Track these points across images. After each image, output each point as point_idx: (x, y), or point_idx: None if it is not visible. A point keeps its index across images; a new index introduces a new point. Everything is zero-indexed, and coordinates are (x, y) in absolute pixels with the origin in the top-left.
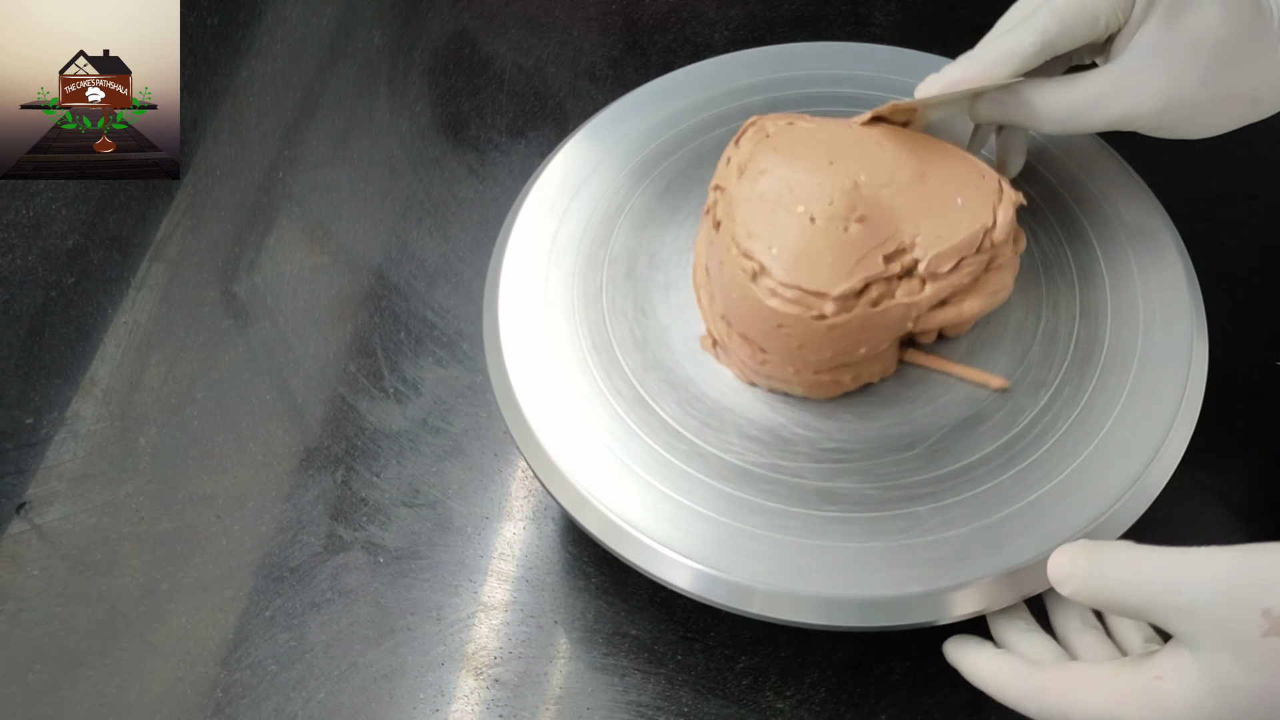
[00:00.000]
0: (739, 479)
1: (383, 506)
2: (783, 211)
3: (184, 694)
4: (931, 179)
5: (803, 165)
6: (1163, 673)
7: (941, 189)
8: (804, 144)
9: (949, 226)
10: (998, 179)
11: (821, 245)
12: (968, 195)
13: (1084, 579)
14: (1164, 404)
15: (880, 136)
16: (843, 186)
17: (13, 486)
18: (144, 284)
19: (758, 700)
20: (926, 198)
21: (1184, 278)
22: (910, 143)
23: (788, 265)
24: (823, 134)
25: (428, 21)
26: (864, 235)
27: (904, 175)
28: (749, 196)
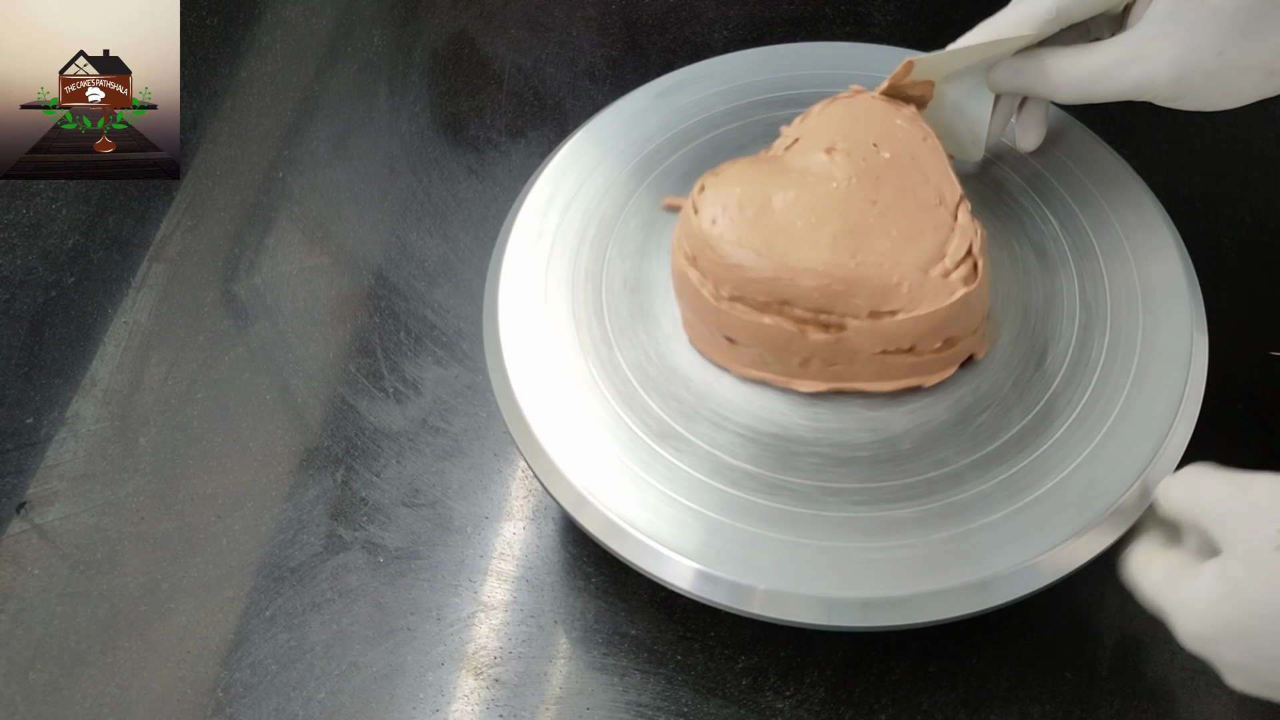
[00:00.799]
0: (739, 479)
1: (383, 506)
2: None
3: (184, 693)
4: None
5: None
6: (1203, 571)
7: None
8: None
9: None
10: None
11: (780, 233)
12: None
13: (1159, 497)
14: (1164, 403)
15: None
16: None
17: (13, 486)
18: (144, 284)
19: (757, 700)
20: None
21: (1184, 277)
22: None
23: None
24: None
25: (427, 22)
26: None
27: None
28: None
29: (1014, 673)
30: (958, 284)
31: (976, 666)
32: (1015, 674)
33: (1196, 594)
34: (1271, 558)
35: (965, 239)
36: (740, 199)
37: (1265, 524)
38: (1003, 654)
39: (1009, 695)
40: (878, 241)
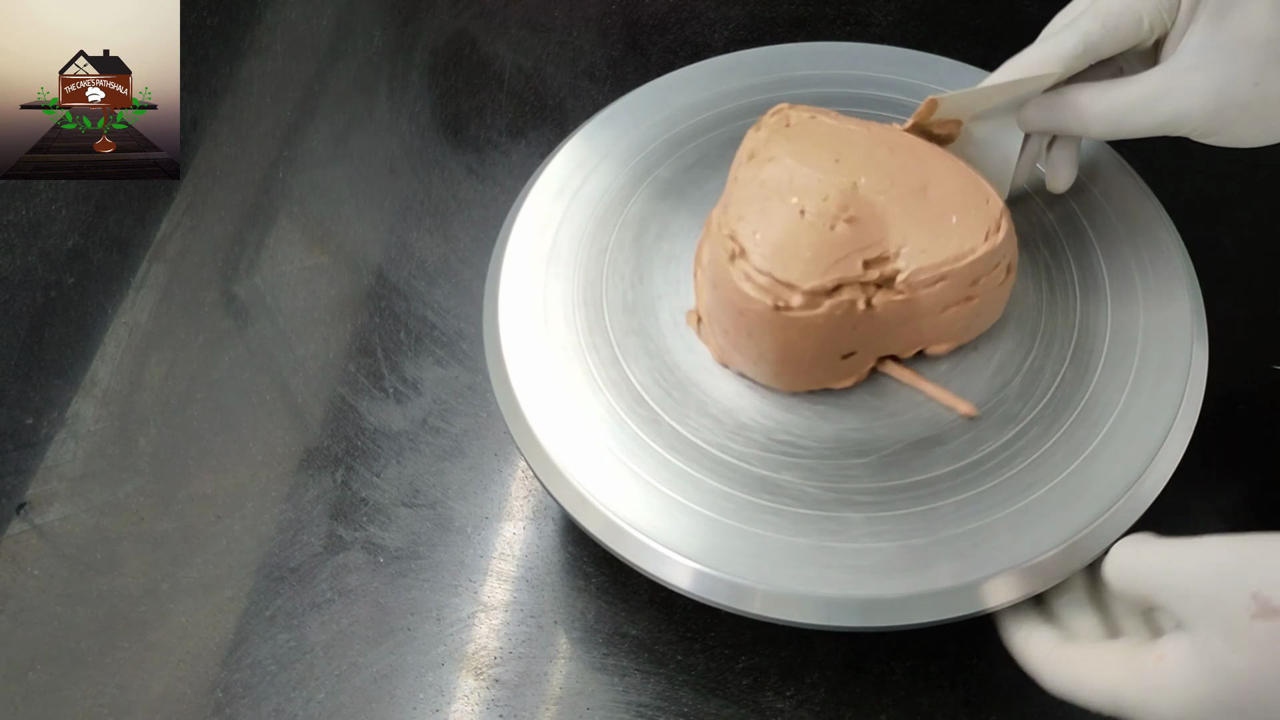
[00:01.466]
0: (739, 479)
1: (383, 506)
2: (777, 200)
3: (184, 694)
4: (932, 193)
5: (809, 159)
6: (1164, 654)
7: (939, 204)
8: (817, 139)
9: (937, 242)
10: (1001, 207)
11: (804, 239)
12: (965, 215)
13: (1107, 569)
14: (1164, 405)
15: (895, 143)
16: (840, 185)
17: (13, 486)
18: (144, 284)
19: (758, 700)
20: (922, 210)
21: (1184, 278)
22: (922, 154)
23: (766, 252)
24: (840, 132)
25: (427, 21)
26: (850, 236)
27: (905, 184)
28: (750, 180)
29: (1014, 673)
30: (998, 239)
31: (977, 667)
32: (1015, 674)
33: (1172, 678)
34: (1249, 628)
35: (995, 215)
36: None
37: (1234, 592)
38: (1003, 654)
39: (1009, 695)
40: (926, 201)
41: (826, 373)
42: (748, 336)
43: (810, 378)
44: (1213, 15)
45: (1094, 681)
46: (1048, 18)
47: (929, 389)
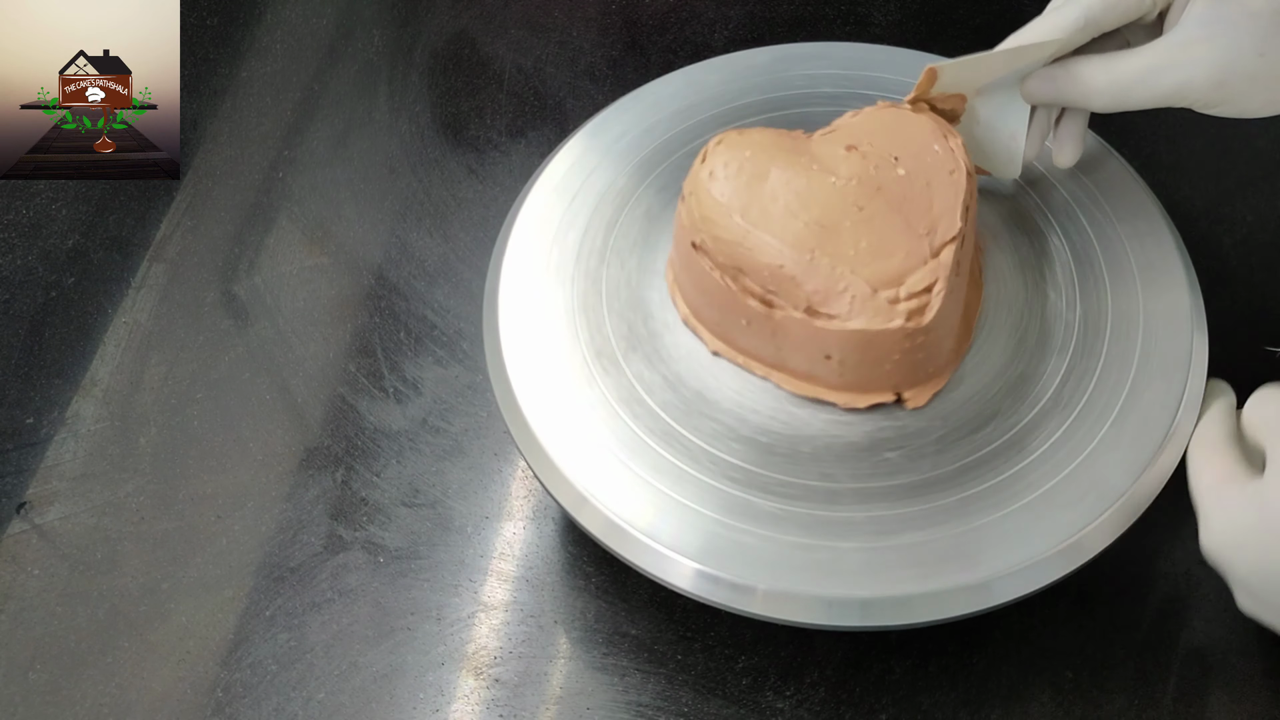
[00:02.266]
0: (739, 479)
1: (383, 506)
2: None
3: (184, 694)
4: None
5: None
6: (1246, 485)
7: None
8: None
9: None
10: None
11: (776, 203)
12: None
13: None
14: (1164, 404)
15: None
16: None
17: (13, 486)
18: (144, 284)
19: (757, 700)
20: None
21: (1184, 278)
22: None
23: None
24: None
25: (427, 22)
26: (812, 240)
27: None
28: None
29: (1014, 673)
30: (899, 314)
31: (977, 666)
32: (1015, 674)
33: (1232, 501)
34: None
35: (931, 276)
36: (744, 161)
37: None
38: (1003, 654)
39: (1009, 695)
40: (843, 245)
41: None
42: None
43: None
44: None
45: (1199, 481)
46: None
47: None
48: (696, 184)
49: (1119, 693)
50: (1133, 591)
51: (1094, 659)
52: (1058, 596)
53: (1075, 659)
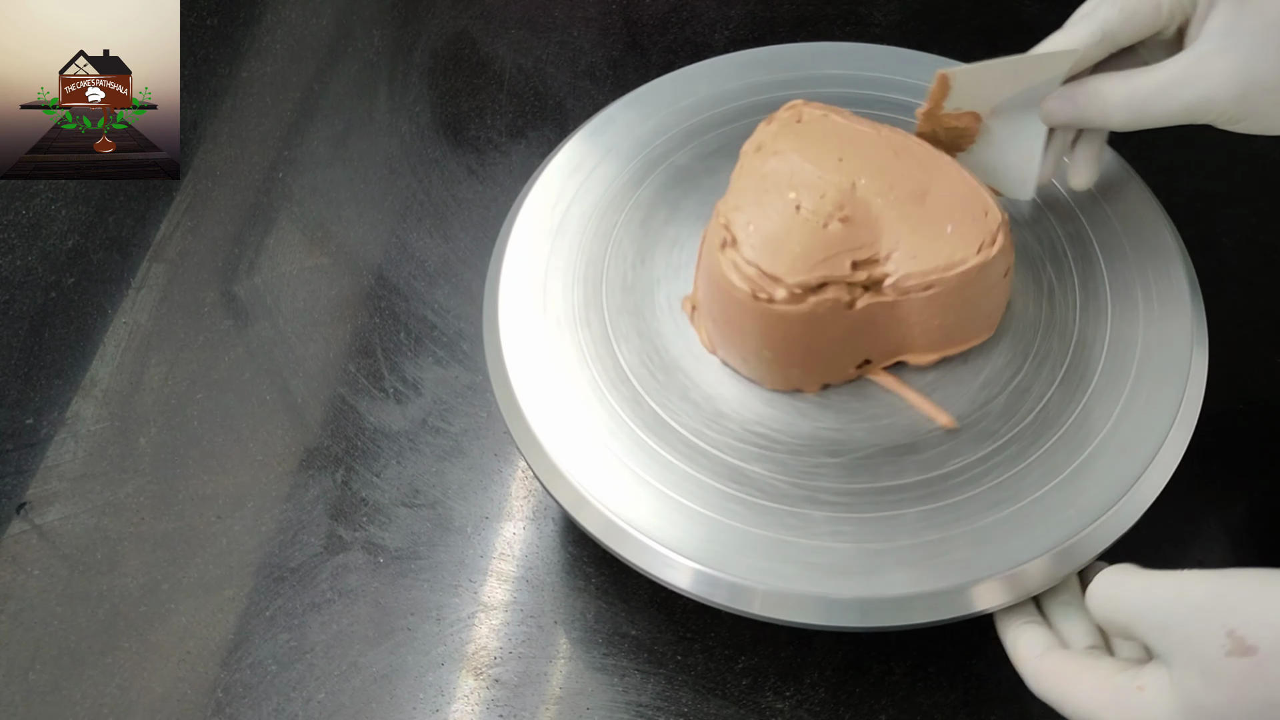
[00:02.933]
0: (739, 479)
1: (383, 506)
2: (775, 194)
3: (184, 694)
4: (931, 200)
5: (812, 155)
6: (1144, 684)
7: (937, 212)
8: (824, 137)
9: (928, 250)
10: (1000, 220)
11: (796, 234)
12: (961, 226)
13: (1089, 600)
14: (1165, 404)
15: (901, 147)
16: (839, 184)
17: (13, 486)
18: (144, 284)
19: (757, 700)
20: (919, 217)
21: (1184, 277)
22: (926, 160)
23: (756, 243)
24: (848, 131)
25: (427, 22)
26: (842, 236)
27: (905, 189)
28: (753, 172)
29: (1014, 673)
30: (996, 246)
31: (976, 667)
32: (1014, 675)
33: (1148, 711)
34: (1224, 665)
35: (997, 218)
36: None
37: (1210, 629)
38: (1003, 654)
39: (1009, 695)
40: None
41: (806, 371)
42: (730, 325)
43: (789, 375)
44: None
45: (1076, 699)
46: (1048, 17)
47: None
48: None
49: None
50: None
51: None
52: None
53: None
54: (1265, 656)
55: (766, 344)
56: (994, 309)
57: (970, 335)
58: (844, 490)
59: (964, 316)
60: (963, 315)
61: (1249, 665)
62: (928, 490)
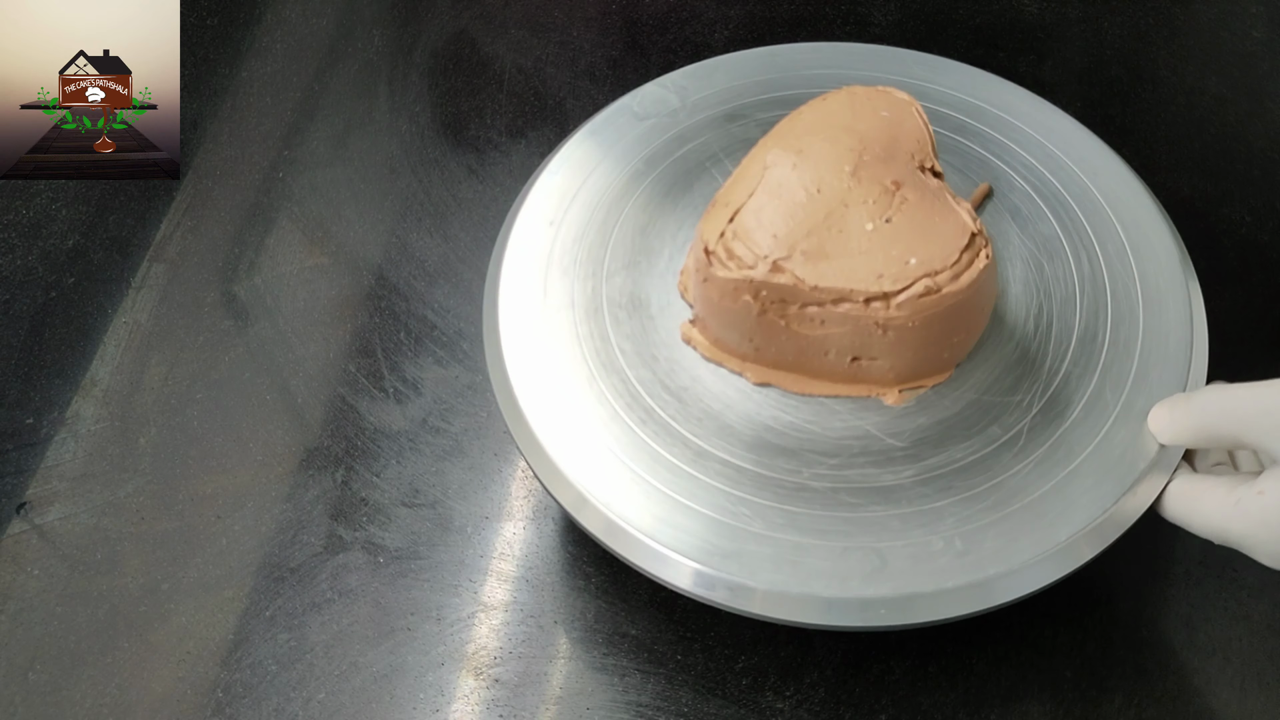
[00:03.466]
0: (739, 479)
1: (383, 506)
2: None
3: (184, 694)
4: (909, 227)
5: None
6: (1265, 488)
7: (909, 239)
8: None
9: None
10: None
11: (797, 221)
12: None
13: (1184, 421)
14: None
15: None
16: (838, 186)
17: (13, 486)
18: (144, 284)
19: (757, 700)
20: (891, 239)
21: (1184, 277)
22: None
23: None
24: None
25: (427, 22)
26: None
27: (896, 214)
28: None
29: (1014, 673)
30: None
31: (976, 666)
32: (1015, 674)
33: (1269, 512)
34: None
35: (976, 229)
36: None
37: None
38: (1003, 654)
39: (1009, 695)
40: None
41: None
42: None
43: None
44: None
45: (1203, 513)
46: (1047, 16)
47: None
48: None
49: (1117, 692)
50: (1131, 591)
51: (1092, 658)
52: (1056, 597)
53: (1074, 659)
54: None
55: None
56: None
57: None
58: (844, 490)
59: (921, 352)
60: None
61: None
62: (928, 490)
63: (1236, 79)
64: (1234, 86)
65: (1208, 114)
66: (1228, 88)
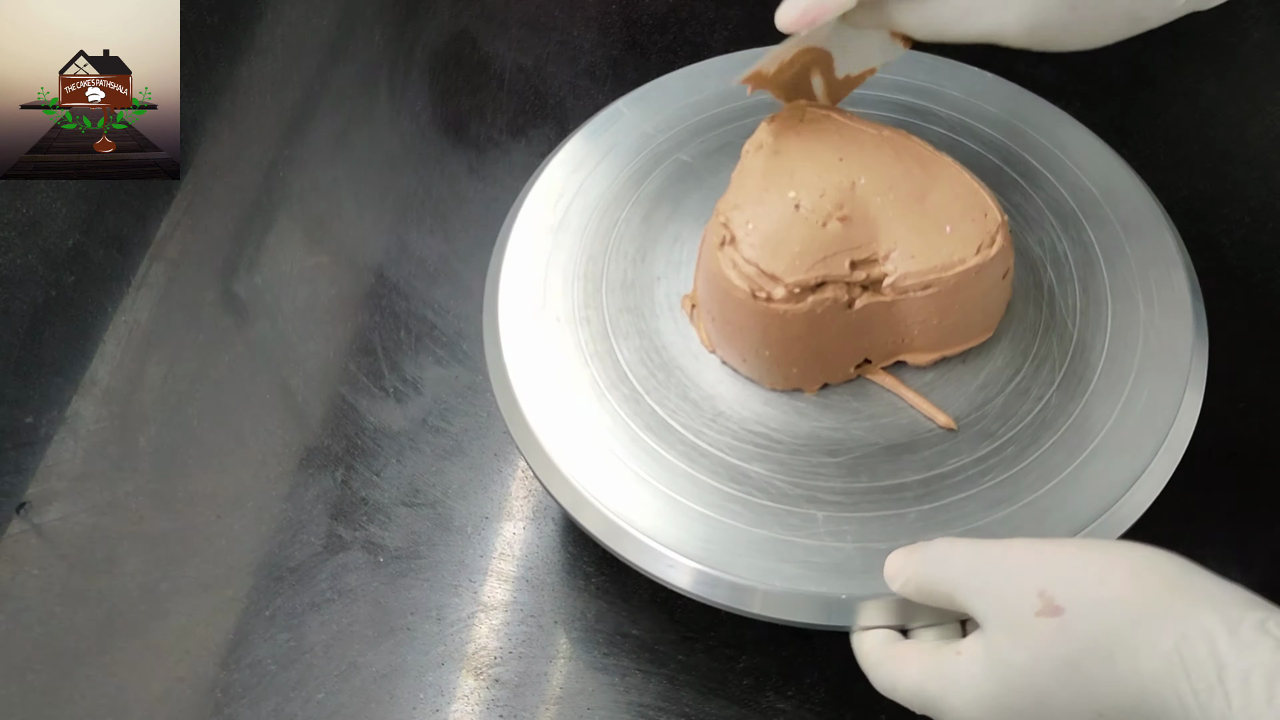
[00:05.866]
0: (739, 479)
1: (383, 506)
2: (775, 192)
3: (184, 694)
4: (931, 200)
5: (813, 154)
6: (962, 649)
7: (936, 212)
8: (825, 136)
9: (927, 250)
10: (999, 221)
11: (795, 233)
12: (960, 226)
13: (909, 574)
14: (1165, 404)
15: (902, 147)
16: (838, 184)
17: (13, 486)
18: (144, 283)
19: (759, 700)
20: (918, 217)
21: (1184, 277)
22: (928, 161)
23: (755, 242)
24: (849, 131)
25: (428, 21)
26: (841, 235)
27: (905, 189)
28: (753, 170)
29: None
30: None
31: None
32: None
33: (963, 674)
34: (1033, 625)
35: (996, 219)
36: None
37: (1022, 589)
38: None
39: None
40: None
41: (805, 370)
42: (729, 324)
43: (788, 374)
44: None
45: (906, 677)
46: None
47: (911, 398)
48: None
49: None
50: None
51: None
52: None
53: None
54: (1071, 617)
55: (765, 343)
56: (994, 309)
57: (969, 336)
58: (844, 490)
59: (963, 317)
60: (962, 316)
61: (1055, 625)
62: (927, 490)
63: (1236, 80)
64: (1233, 87)
65: (1207, 114)
66: (1227, 88)
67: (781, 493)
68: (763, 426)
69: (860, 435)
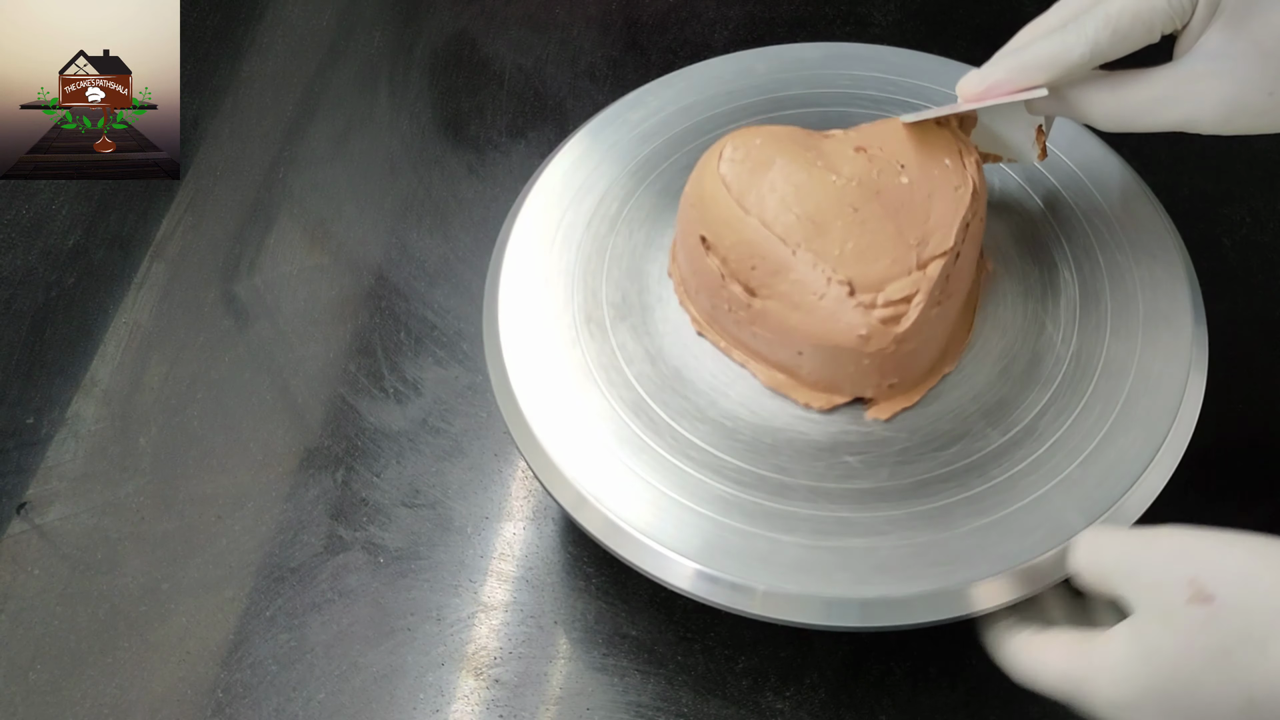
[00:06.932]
0: (739, 479)
1: (383, 506)
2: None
3: (184, 694)
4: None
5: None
6: (1112, 637)
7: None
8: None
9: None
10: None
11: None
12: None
13: (1071, 557)
14: (1165, 403)
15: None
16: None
17: (13, 486)
18: (145, 283)
19: (758, 701)
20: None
21: (1184, 277)
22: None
23: None
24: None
25: (428, 21)
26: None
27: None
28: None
29: None
30: (870, 322)
31: (976, 667)
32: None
33: (1111, 659)
34: (1184, 612)
35: (913, 287)
36: (752, 149)
37: (1173, 577)
38: None
39: (1009, 696)
40: (830, 244)
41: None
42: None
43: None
44: (1231, 20)
45: (1051, 665)
46: None
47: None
48: (705, 164)
49: None
50: None
51: None
52: None
53: None
54: (1222, 605)
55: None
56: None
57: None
58: (844, 490)
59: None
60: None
61: (1206, 613)
62: (927, 490)
63: None
64: None
65: None
66: None
67: (781, 493)
68: (763, 426)
69: (860, 436)
